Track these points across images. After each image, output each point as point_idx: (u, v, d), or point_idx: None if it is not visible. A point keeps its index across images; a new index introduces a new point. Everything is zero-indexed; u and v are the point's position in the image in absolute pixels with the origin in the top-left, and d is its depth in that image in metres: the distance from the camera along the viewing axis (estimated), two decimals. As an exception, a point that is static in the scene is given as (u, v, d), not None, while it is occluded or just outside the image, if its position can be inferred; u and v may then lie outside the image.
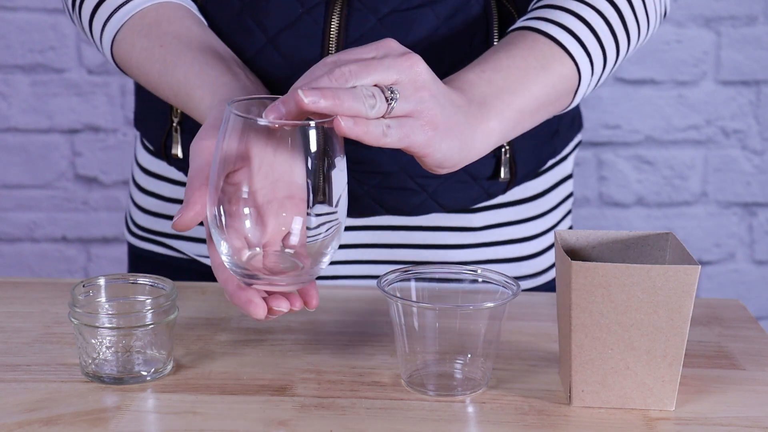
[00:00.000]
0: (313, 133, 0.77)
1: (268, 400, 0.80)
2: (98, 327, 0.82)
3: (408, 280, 0.85)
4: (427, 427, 0.77)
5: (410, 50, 0.82)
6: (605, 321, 0.78)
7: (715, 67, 1.87)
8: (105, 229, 1.93)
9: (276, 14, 0.99)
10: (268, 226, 0.80)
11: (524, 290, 1.08)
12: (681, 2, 1.84)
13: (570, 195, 1.15)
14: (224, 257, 0.79)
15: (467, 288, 0.86)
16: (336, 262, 1.05)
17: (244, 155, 0.78)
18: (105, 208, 1.92)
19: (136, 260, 1.15)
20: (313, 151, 0.78)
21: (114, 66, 1.02)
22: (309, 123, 0.77)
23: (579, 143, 1.15)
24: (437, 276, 0.86)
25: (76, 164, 1.90)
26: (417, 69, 0.81)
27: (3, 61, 1.85)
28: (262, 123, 0.77)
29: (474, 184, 1.03)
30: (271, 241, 0.80)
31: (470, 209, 1.06)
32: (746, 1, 1.85)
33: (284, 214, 0.80)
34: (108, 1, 1.00)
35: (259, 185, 0.80)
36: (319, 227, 0.80)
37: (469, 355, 0.82)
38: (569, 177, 1.13)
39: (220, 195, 0.78)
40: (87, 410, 0.78)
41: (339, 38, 0.98)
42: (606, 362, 0.79)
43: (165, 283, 0.86)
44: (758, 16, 1.86)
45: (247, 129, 0.77)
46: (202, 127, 0.85)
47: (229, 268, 0.80)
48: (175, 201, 1.10)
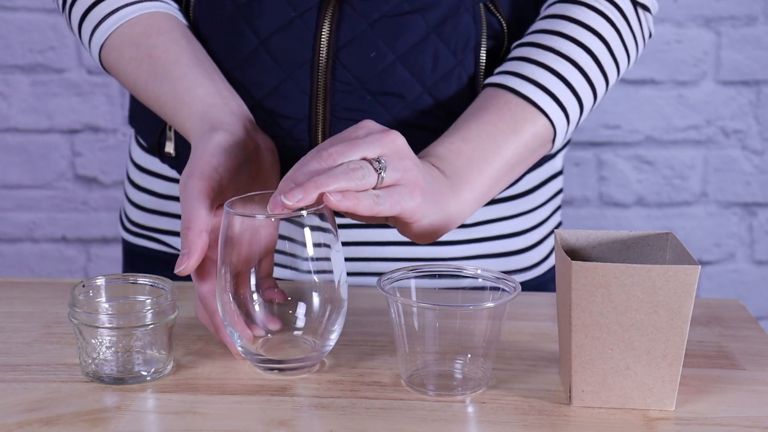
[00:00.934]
0: (308, 221, 0.81)
1: (268, 400, 0.80)
2: (98, 327, 0.82)
3: (408, 280, 0.85)
4: (427, 427, 0.77)
5: (388, 128, 0.85)
6: (605, 321, 0.78)
7: (715, 67, 1.87)
8: (105, 229, 1.93)
9: (268, 18, 0.99)
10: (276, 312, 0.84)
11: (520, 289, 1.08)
12: (681, 2, 1.84)
13: (560, 191, 1.16)
14: (238, 346, 0.84)
15: (467, 287, 0.86)
16: None
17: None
18: (105, 208, 1.92)
19: (131, 256, 1.16)
20: (310, 238, 0.82)
21: (101, 67, 1.04)
22: (302, 213, 0.80)
23: (569, 140, 1.15)
24: (437, 274, 0.87)
25: (76, 164, 1.90)
26: (398, 142, 0.84)
27: (3, 61, 1.85)
28: (261, 218, 0.81)
29: None
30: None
31: None
32: (746, 1, 1.85)
33: (290, 298, 0.84)
34: (98, 8, 1.00)
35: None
36: (324, 307, 0.83)
37: (469, 355, 0.82)
38: (559, 173, 1.15)
39: (232, 289, 0.82)
40: (87, 410, 0.78)
41: (330, 42, 0.99)
42: (606, 362, 0.79)
43: (165, 283, 0.86)
44: (758, 16, 1.86)
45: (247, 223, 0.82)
46: (189, 163, 0.87)
47: (243, 355, 0.84)
48: (169, 198, 1.11)
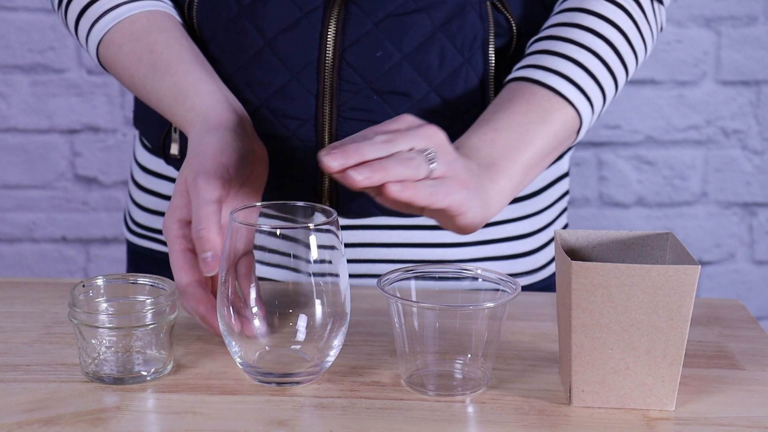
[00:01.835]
0: (313, 237, 0.81)
1: (268, 400, 0.80)
2: (98, 327, 0.82)
3: (408, 280, 0.85)
4: (427, 427, 0.77)
5: (426, 122, 0.85)
6: (605, 321, 0.78)
7: (715, 67, 1.87)
8: (105, 230, 1.93)
9: (273, 18, 0.99)
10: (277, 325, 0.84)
11: (522, 288, 1.08)
12: (681, 2, 1.84)
13: (566, 193, 1.15)
14: (236, 358, 0.83)
15: (467, 288, 0.86)
16: None
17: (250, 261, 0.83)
18: (104, 209, 1.92)
19: (135, 257, 1.16)
20: (315, 253, 0.81)
21: (100, 66, 1.04)
22: (309, 226, 0.81)
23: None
24: (437, 276, 0.87)
25: (76, 164, 1.90)
26: (440, 136, 0.85)
27: (3, 61, 1.85)
28: (265, 229, 0.80)
29: None
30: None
31: None
32: (746, 1, 1.85)
33: (290, 311, 0.83)
34: (96, 5, 1.01)
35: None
36: (326, 322, 0.82)
37: (469, 355, 0.82)
38: (565, 175, 1.14)
39: (233, 298, 0.82)
40: (87, 410, 0.78)
41: (336, 42, 0.98)
42: (606, 362, 0.79)
43: (165, 283, 0.86)
44: (758, 16, 1.86)
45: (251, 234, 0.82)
46: (195, 159, 0.87)
47: (242, 369, 0.84)
48: None
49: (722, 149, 1.90)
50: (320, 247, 0.81)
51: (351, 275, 1.06)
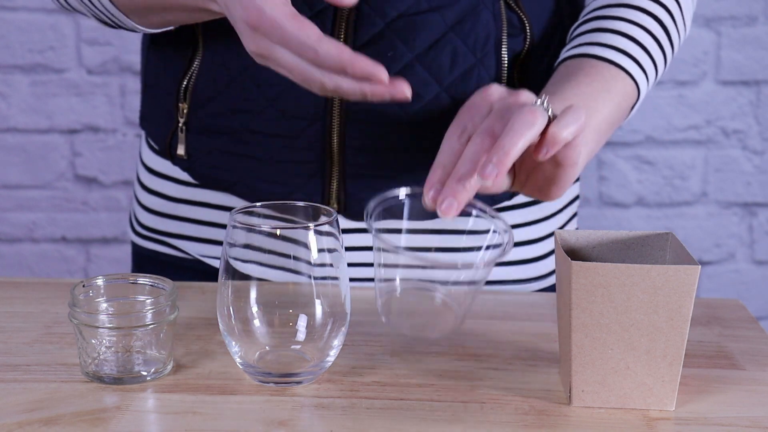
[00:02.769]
0: (313, 237, 0.81)
1: (268, 400, 0.80)
2: (98, 327, 0.82)
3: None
4: (427, 427, 0.77)
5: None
6: (605, 321, 0.78)
7: (715, 67, 1.87)
8: (105, 230, 1.93)
9: None
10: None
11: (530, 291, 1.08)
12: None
13: (576, 198, 1.14)
14: (236, 358, 0.83)
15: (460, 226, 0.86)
16: None
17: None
18: (105, 209, 1.92)
19: (140, 260, 1.15)
20: (316, 254, 0.81)
21: (115, 17, 0.98)
22: (309, 225, 0.81)
23: None
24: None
25: (76, 164, 1.90)
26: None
27: (3, 61, 1.85)
28: (265, 228, 0.81)
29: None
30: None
31: None
32: (746, 1, 1.85)
33: (290, 311, 0.83)
34: None
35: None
36: (326, 322, 0.82)
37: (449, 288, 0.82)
38: (576, 180, 1.13)
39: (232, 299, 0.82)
40: (87, 410, 0.78)
41: (347, 42, 0.97)
42: (606, 362, 0.79)
43: (165, 283, 0.86)
44: (758, 16, 1.86)
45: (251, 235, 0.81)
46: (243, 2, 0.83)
47: (242, 369, 0.83)
48: (180, 201, 1.09)
49: (722, 149, 1.90)
50: (320, 248, 0.81)
51: (355, 278, 1.06)
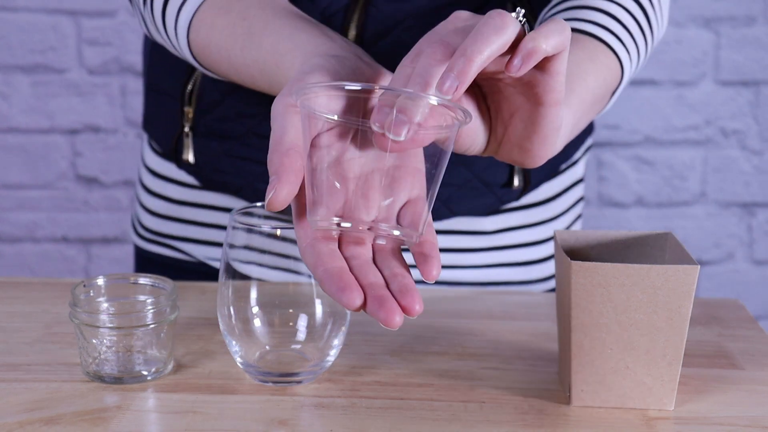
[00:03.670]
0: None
1: (268, 400, 0.81)
2: (99, 327, 0.82)
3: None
4: (427, 427, 0.77)
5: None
6: (605, 321, 0.78)
7: (715, 68, 1.87)
8: (105, 230, 1.93)
9: None
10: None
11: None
12: (681, 2, 1.84)
13: (581, 199, 1.14)
14: (237, 358, 0.83)
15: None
16: None
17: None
18: (105, 209, 1.92)
19: (143, 262, 1.15)
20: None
21: (192, 60, 0.94)
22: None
23: (590, 147, 1.14)
24: None
25: (77, 164, 1.90)
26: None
27: (3, 62, 1.85)
28: (266, 229, 0.81)
29: (487, 192, 1.03)
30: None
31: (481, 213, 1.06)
32: (745, 2, 1.85)
33: (290, 311, 0.82)
34: None
35: None
36: (326, 322, 0.83)
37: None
38: (580, 181, 1.13)
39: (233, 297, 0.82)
40: (88, 410, 0.79)
41: (356, 44, 0.97)
42: (605, 362, 0.79)
43: (165, 283, 0.86)
44: (757, 17, 1.86)
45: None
46: (286, 85, 0.74)
47: (242, 368, 0.83)
48: (184, 203, 1.09)
49: (721, 149, 1.90)
50: None
51: None
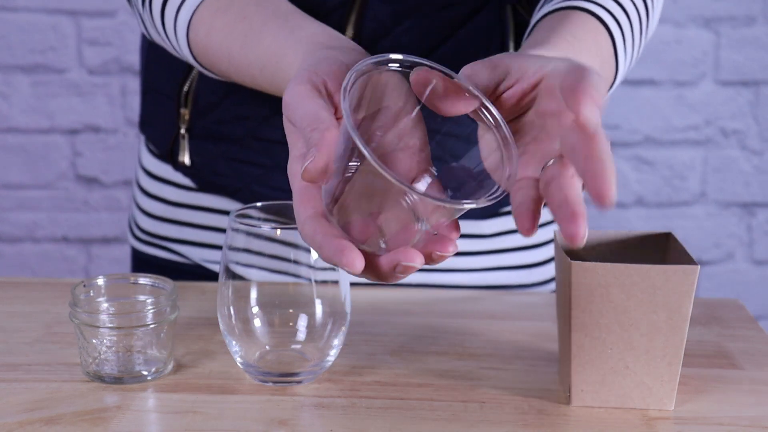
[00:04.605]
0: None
1: (268, 400, 0.81)
2: (99, 327, 0.82)
3: None
4: (427, 427, 0.77)
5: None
6: (605, 321, 0.78)
7: (715, 68, 1.87)
8: (105, 230, 1.93)
9: None
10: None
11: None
12: (680, 2, 1.84)
13: None
14: (237, 358, 0.84)
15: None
16: None
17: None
18: (105, 209, 1.92)
19: (140, 264, 1.15)
20: (315, 260, 0.82)
21: (192, 60, 0.94)
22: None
23: None
24: None
25: (77, 164, 1.90)
26: None
27: (3, 62, 1.85)
28: (265, 229, 0.81)
29: None
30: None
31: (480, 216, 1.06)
32: (745, 2, 1.85)
33: (290, 311, 0.82)
34: None
35: None
36: (326, 322, 0.83)
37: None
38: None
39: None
40: (88, 410, 0.79)
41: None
42: (605, 362, 0.79)
43: (165, 283, 0.86)
44: (757, 17, 1.86)
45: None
46: (296, 74, 0.72)
47: (242, 368, 0.84)
48: (181, 205, 1.09)
49: (721, 149, 1.90)
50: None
51: (360, 284, 1.05)
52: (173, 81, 1.05)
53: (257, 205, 0.86)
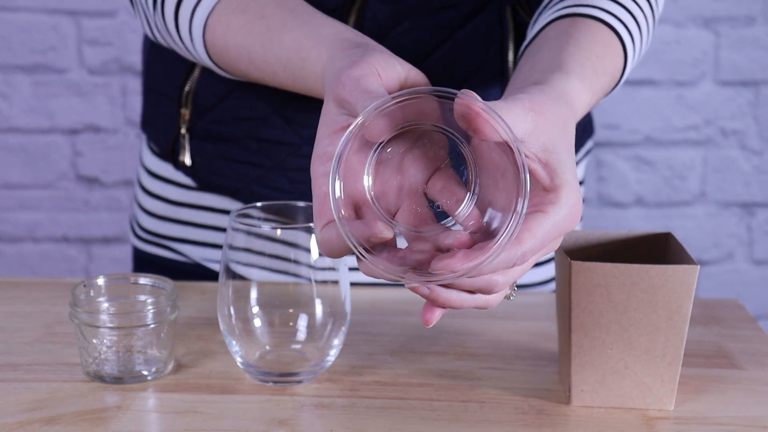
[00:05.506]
0: (314, 238, 0.81)
1: (269, 400, 0.81)
2: (99, 327, 0.82)
3: None
4: (427, 427, 0.77)
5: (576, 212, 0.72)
6: (604, 321, 0.78)
7: (714, 68, 1.87)
8: (106, 229, 1.93)
9: None
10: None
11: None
12: (680, 3, 1.84)
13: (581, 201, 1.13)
14: (237, 358, 0.84)
15: None
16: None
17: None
18: (106, 209, 1.92)
19: (141, 263, 1.15)
20: (316, 255, 0.82)
21: (208, 61, 0.93)
22: (309, 226, 0.81)
23: (590, 150, 1.14)
24: None
25: (77, 164, 1.90)
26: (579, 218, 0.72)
27: (4, 62, 1.85)
28: (266, 229, 0.81)
29: None
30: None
31: None
32: (745, 2, 1.85)
33: (291, 311, 0.82)
34: None
35: None
36: (326, 322, 0.83)
37: None
38: (580, 183, 1.13)
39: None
40: (88, 410, 0.79)
41: None
42: (605, 362, 0.79)
43: (166, 283, 0.86)
44: (757, 17, 1.86)
45: None
46: (348, 63, 0.71)
47: (243, 368, 0.84)
48: (182, 204, 1.09)
49: (721, 149, 1.90)
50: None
51: (361, 284, 1.05)
52: (174, 81, 1.05)
53: (257, 205, 0.86)
